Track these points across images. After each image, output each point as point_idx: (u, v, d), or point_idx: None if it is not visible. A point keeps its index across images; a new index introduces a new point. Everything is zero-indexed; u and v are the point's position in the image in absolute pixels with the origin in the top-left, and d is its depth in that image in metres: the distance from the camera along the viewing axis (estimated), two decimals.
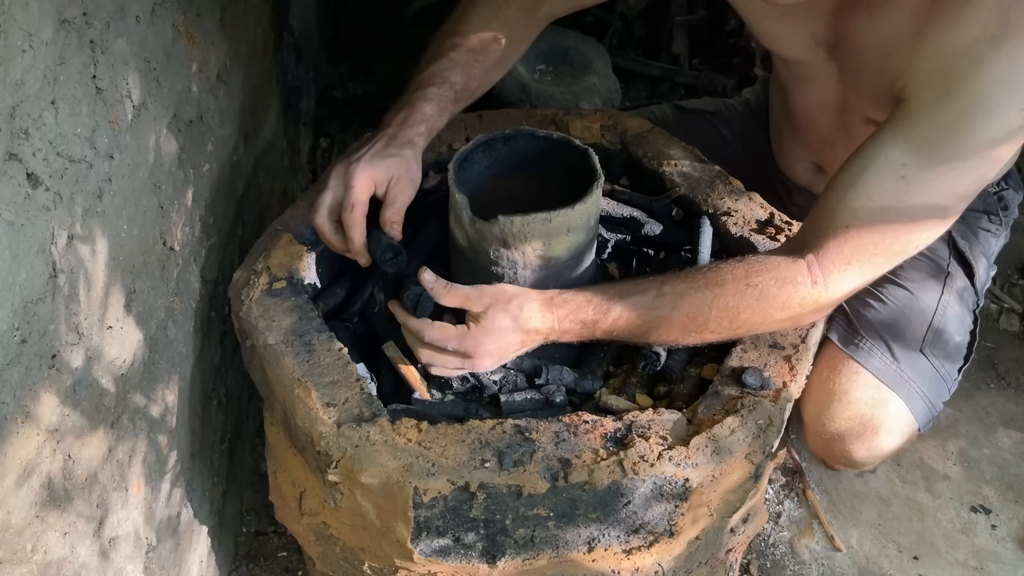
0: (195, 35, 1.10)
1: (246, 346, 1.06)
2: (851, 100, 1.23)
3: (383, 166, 1.07)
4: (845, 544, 1.44)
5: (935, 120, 0.96)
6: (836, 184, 1.03)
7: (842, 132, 1.31)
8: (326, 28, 2.26)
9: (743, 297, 1.00)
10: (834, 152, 1.38)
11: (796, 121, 1.41)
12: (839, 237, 1.00)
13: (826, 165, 1.42)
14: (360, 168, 1.05)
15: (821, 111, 1.31)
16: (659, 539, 0.96)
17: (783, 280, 1.01)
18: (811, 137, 1.40)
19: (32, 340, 0.71)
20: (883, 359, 1.30)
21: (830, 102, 1.27)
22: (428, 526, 0.91)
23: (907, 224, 1.00)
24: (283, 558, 1.41)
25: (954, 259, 1.39)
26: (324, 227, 1.07)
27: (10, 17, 0.65)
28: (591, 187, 1.00)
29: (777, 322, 1.04)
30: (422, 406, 1.03)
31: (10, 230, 0.67)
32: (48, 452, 0.76)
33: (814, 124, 1.36)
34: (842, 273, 1.01)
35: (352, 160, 1.07)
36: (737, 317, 1.01)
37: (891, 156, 0.98)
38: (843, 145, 1.34)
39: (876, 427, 1.28)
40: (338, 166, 1.09)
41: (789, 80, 1.35)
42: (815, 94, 1.30)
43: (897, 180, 0.97)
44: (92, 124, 0.80)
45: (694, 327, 1.02)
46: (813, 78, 1.26)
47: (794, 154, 1.47)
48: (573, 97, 2.09)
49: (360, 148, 1.11)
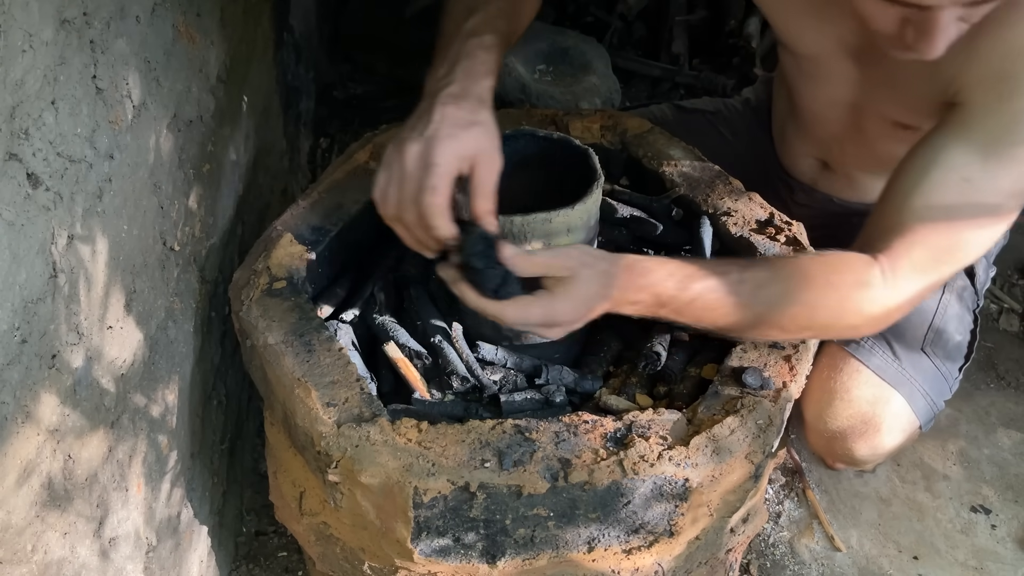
0: (195, 35, 1.10)
1: (246, 346, 1.06)
2: (871, 101, 1.22)
3: (468, 139, 0.91)
4: (845, 544, 1.44)
5: (994, 121, 0.96)
6: (897, 186, 1.01)
7: (852, 130, 1.30)
8: (326, 28, 2.26)
9: (823, 295, 0.97)
10: (842, 149, 1.37)
11: (803, 118, 1.40)
12: (907, 238, 0.98)
13: (832, 162, 1.42)
14: (442, 143, 0.89)
15: (831, 109, 1.30)
16: (659, 539, 0.96)
17: (860, 282, 0.98)
18: (818, 134, 1.39)
19: (32, 340, 0.71)
20: (884, 357, 1.30)
21: (842, 100, 1.27)
22: (428, 526, 0.91)
23: (970, 224, 0.99)
24: (283, 558, 1.41)
25: None
26: (405, 216, 0.92)
27: (10, 17, 0.65)
28: (591, 187, 1.00)
29: (847, 328, 1.00)
30: (422, 406, 1.03)
31: (10, 230, 0.67)
32: (48, 452, 0.76)
33: (822, 121, 1.35)
34: (910, 275, 0.99)
35: (428, 135, 0.90)
36: (813, 316, 0.98)
37: (953, 158, 0.97)
38: (853, 143, 1.33)
39: (878, 425, 1.28)
40: (407, 145, 0.91)
41: (798, 77, 1.33)
42: (827, 92, 1.29)
43: (960, 182, 0.97)
44: (92, 124, 0.80)
45: (768, 321, 0.98)
46: (827, 76, 1.25)
47: (799, 151, 1.46)
48: (573, 97, 2.09)
49: (423, 118, 0.93)
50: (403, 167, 0.91)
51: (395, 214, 0.93)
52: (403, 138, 0.93)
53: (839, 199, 1.46)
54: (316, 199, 1.18)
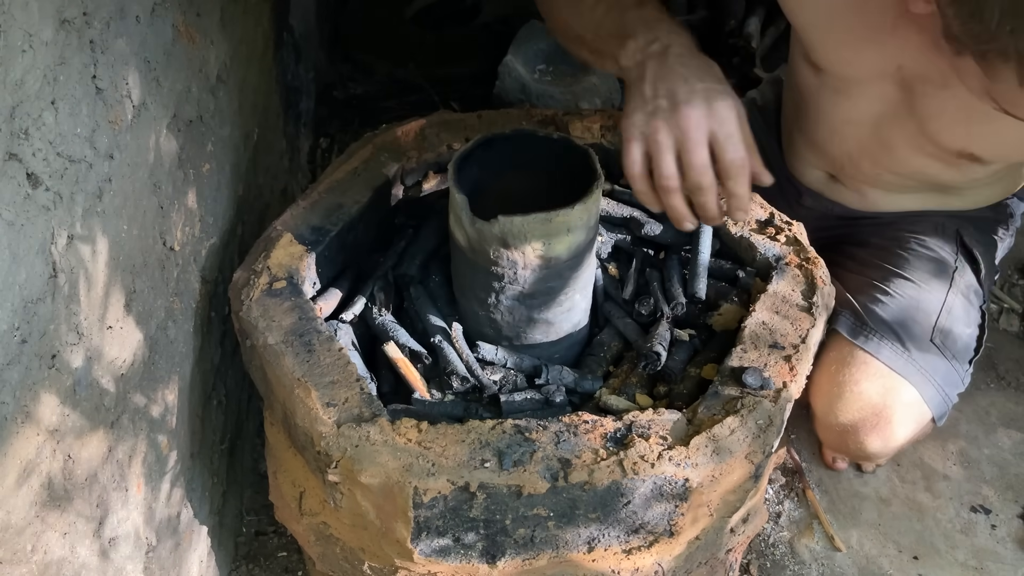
0: (195, 35, 1.10)
1: (246, 346, 1.06)
2: (908, 124, 1.21)
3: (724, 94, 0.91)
4: (845, 544, 1.44)
5: None
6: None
7: (874, 147, 1.29)
8: (326, 28, 2.26)
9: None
10: (856, 166, 1.35)
11: (816, 132, 1.38)
12: None
13: (843, 177, 1.40)
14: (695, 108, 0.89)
15: (852, 127, 1.29)
16: (659, 539, 0.96)
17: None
18: (831, 149, 1.37)
19: (32, 340, 0.71)
20: (893, 349, 1.29)
21: (868, 120, 1.25)
22: (428, 526, 0.91)
23: None
24: (283, 558, 1.41)
25: (962, 256, 1.39)
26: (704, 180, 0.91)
27: (10, 17, 0.65)
28: (591, 187, 1.00)
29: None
30: (422, 406, 1.03)
31: (10, 230, 0.67)
32: (48, 452, 0.76)
33: (839, 137, 1.34)
34: None
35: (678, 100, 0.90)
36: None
37: None
38: (870, 160, 1.32)
39: (888, 416, 1.28)
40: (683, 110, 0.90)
41: (820, 91, 1.30)
42: (852, 111, 1.27)
43: None
44: (92, 124, 0.80)
45: None
46: (860, 95, 1.23)
47: (808, 161, 1.45)
48: (573, 97, 2.09)
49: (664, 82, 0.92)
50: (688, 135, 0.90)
51: (695, 182, 0.92)
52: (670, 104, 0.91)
53: (847, 207, 1.45)
54: (316, 199, 1.18)
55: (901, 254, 1.39)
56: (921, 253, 1.38)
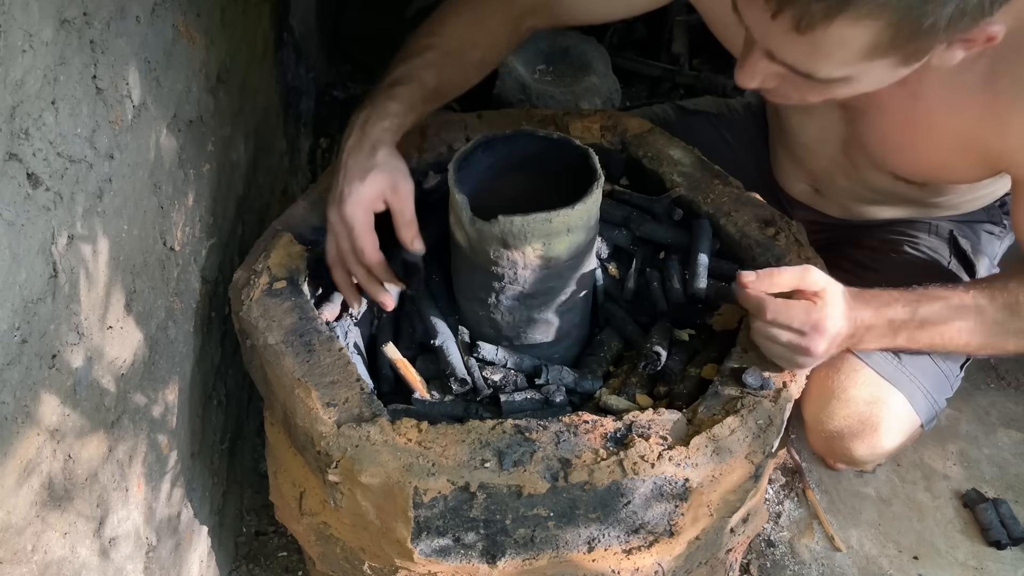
0: (195, 35, 1.10)
1: (246, 346, 1.06)
2: (866, 148, 1.22)
3: (369, 187, 1.03)
4: (845, 544, 1.44)
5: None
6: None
7: (846, 166, 1.30)
8: (326, 28, 2.26)
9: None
10: (834, 182, 1.37)
11: (793, 148, 1.39)
12: None
13: (825, 191, 1.41)
14: (350, 205, 1.02)
15: (822, 145, 1.30)
16: (659, 539, 0.96)
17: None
18: (809, 165, 1.39)
19: (32, 340, 0.71)
20: (884, 355, 1.29)
21: (832, 139, 1.26)
22: (428, 526, 0.91)
23: None
24: (283, 558, 1.41)
25: (955, 258, 1.39)
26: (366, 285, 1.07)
27: (10, 17, 0.65)
28: (591, 187, 1.00)
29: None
30: (422, 406, 1.03)
31: (10, 230, 0.67)
32: (48, 452, 0.76)
33: (813, 155, 1.35)
34: None
35: (336, 198, 1.04)
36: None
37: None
38: (845, 175, 1.33)
39: (875, 425, 1.28)
40: (329, 212, 1.06)
41: (789, 110, 1.32)
42: (816, 131, 1.28)
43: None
44: (92, 124, 0.80)
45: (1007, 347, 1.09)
46: (820, 116, 1.24)
47: (792, 175, 1.46)
48: (573, 97, 2.09)
49: (335, 178, 1.06)
50: (335, 234, 1.05)
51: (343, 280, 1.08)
52: (327, 203, 1.07)
53: (834, 217, 1.46)
54: (316, 199, 1.18)
55: (894, 257, 1.39)
56: (914, 255, 1.38)
